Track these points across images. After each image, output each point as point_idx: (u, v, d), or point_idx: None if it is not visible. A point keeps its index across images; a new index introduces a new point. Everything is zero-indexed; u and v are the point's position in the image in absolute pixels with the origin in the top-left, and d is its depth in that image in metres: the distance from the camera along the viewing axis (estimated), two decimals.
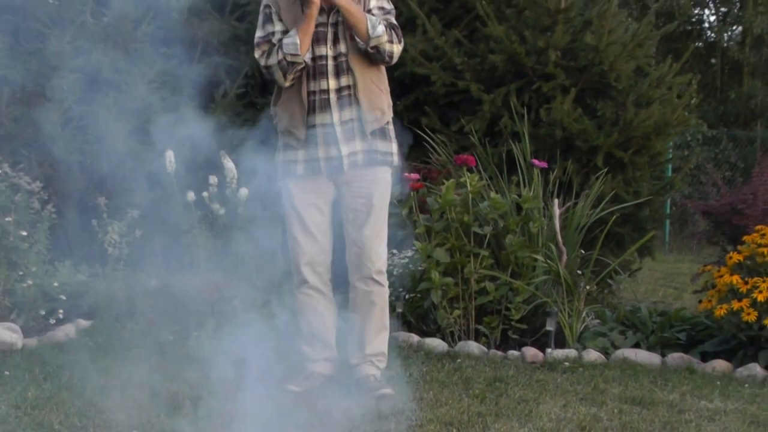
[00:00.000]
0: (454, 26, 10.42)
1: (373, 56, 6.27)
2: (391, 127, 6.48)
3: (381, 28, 6.20)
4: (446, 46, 10.16)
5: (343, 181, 6.38)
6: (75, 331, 7.64)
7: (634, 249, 9.25)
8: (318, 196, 6.43)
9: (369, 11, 6.29)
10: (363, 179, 6.36)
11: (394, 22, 6.37)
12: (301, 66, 6.24)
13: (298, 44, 6.18)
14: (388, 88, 6.50)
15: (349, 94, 6.29)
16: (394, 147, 6.49)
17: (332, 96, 6.29)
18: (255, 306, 7.62)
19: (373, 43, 6.19)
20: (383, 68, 6.46)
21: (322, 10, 6.22)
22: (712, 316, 7.64)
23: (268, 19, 6.37)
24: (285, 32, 6.27)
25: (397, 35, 6.32)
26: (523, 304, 7.78)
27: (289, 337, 6.54)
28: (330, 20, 6.26)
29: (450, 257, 7.73)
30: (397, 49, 6.33)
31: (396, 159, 6.51)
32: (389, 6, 6.42)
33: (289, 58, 6.21)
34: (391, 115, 6.49)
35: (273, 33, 6.32)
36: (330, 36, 6.29)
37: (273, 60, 6.26)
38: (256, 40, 6.40)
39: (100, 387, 6.22)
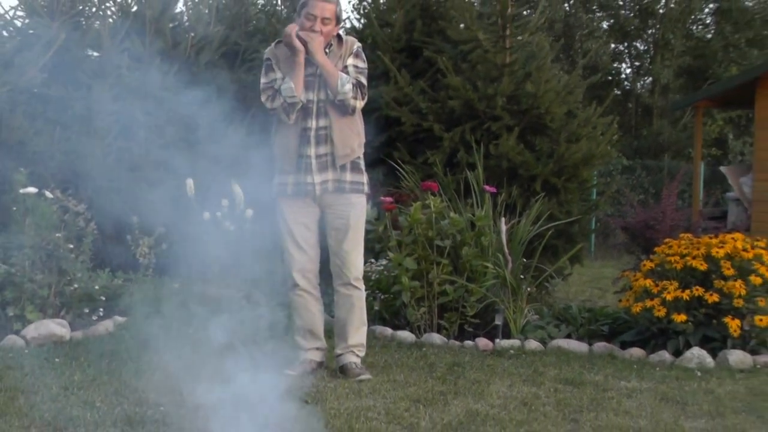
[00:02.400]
0: (420, 78, 10.43)
1: (339, 106, 6.29)
2: (361, 161, 6.48)
3: (348, 87, 6.23)
4: (414, 94, 10.17)
5: (326, 204, 6.41)
6: (113, 325, 7.61)
7: (566, 258, 9.27)
8: (306, 216, 6.44)
9: (346, 67, 6.32)
10: (341, 203, 6.40)
11: (363, 80, 6.38)
12: (300, 105, 6.26)
13: (293, 88, 6.23)
14: (360, 131, 6.48)
15: (325, 133, 6.31)
16: (365, 178, 6.49)
17: (312, 133, 6.31)
18: (259, 304, 7.61)
19: (339, 97, 6.24)
20: (358, 113, 6.47)
21: (311, 63, 6.27)
22: (629, 312, 7.63)
23: (270, 69, 6.40)
24: (283, 79, 6.29)
25: (362, 92, 6.35)
26: (476, 303, 7.76)
27: (286, 330, 6.54)
28: (317, 72, 6.28)
29: (417, 265, 7.71)
30: (359, 104, 6.36)
31: (366, 188, 6.52)
32: (363, 65, 6.43)
33: (288, 100, 6.25)
34: (362, 152, 6.48)
35: (275, 80, 6.35)
36: (316, 84, 6.32)
37: (277, 103, 6.30)
38: (261, 86, 6.42)
39: (133, 371, 6.21)
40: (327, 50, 6.33)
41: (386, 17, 11.00)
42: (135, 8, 10.19)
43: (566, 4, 24.40)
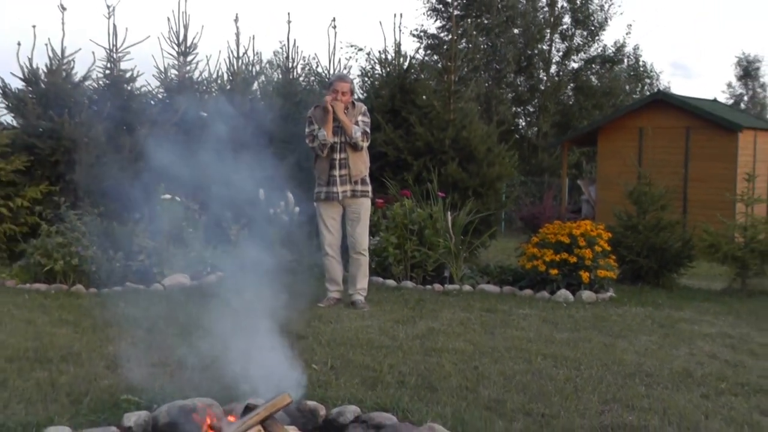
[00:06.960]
0: (398, 128, 10.39)
1: (353, 146, 6.31)
2: (367, 177, 6.52)
3: (359, 134, 6.28)
4: (395, 137, 10.14)
5: (345, 204, 6.45)
6: (215, 278, 7.58)
7: (487, 236, 9.28)
8: (334, 212, 6.47)
9: (357, 122, 6.35)
10: (355, 204, 6.44)
11: (368, 130, 6.42)
12: (329, 144, 6.27)
13: (326, 134, 6.24)
14: (366, 160, 6.52)
15: (345, 161, 6.34)
16: (369, 188, 6.54)
17: (337, 161, 6.33)
18: (304, 265, 7.61)
19: (353, 140, 6.29)
20: (365, 150, 6.46)
21: (336, 118, 6.28)
22: (524, 268, 7.65)
23: (311, 122, 6.43)
24: (319, 129, 6.29)
25: (367, 136, 6.39)
26: (433, 263, 7.76)
27: (321, 280, 6.54)
28: (340, 124, 6.29)
29: (397, 240, 7.72)
30: (365, 144, 6.39)
31: (370, 194, 6.56)
32: (368, 120, 6.46)
33: (323, 142, 6.29)
34: (367, 172, 6.52)
35: (314, 129, 6.36)
36: (339, 132, 6.33)
37: (315, 144, 6.33)
38: (306, 133, 6.46)
39: (226, 304, 6.18)
40: (346, 111, 6.35)
41: (379, 92, 10.97)
42: (228, 87, 10.19)
43: (486, 84, 24.37)
